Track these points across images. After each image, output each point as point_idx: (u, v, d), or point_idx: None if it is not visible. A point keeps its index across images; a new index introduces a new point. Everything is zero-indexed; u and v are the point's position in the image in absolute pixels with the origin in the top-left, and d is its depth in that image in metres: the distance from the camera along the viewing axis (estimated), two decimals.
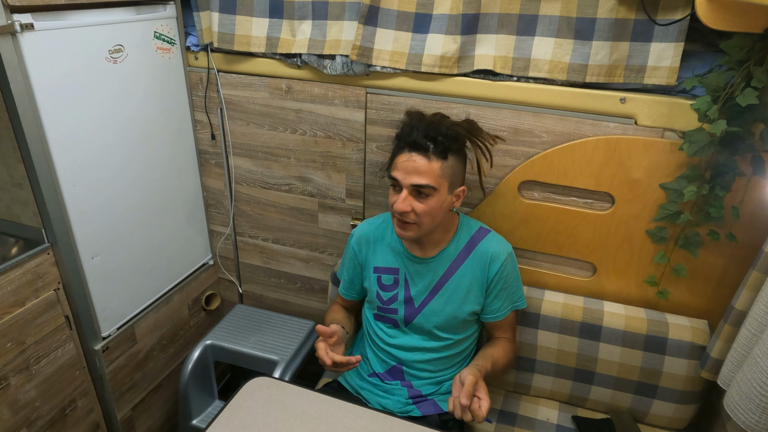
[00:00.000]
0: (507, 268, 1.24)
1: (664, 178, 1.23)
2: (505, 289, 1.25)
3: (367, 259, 1.34)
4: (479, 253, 1.24)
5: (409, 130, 1.13)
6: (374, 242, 1.33)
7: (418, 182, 1.10)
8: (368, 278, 1.33)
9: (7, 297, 1.17)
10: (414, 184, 1.11)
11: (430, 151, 1.10)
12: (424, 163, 1.10)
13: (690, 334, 1.26)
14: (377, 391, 1.33)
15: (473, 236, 1.26)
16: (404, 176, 1.12)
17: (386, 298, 1.30)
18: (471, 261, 1.24)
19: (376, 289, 1.32)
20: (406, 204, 1.12)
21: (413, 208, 1.13)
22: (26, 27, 1.07)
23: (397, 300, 1.29)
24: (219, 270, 1.90)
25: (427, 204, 1.13)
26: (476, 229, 1.27)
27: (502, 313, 1.27)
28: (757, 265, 0.98)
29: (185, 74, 1.55)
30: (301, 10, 1.37)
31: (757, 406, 0.88)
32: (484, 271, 1.23)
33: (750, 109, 1.05)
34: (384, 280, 1.30)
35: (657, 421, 1.34)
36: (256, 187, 1.69)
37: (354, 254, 1.36)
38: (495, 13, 1.23)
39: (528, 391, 1.44)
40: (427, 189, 1.11)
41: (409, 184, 1.11)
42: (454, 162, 1.13)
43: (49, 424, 1.34)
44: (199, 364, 1.67)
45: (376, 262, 1.32)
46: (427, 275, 1.26)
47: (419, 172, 1.10)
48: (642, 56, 1.15)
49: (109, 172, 1.35)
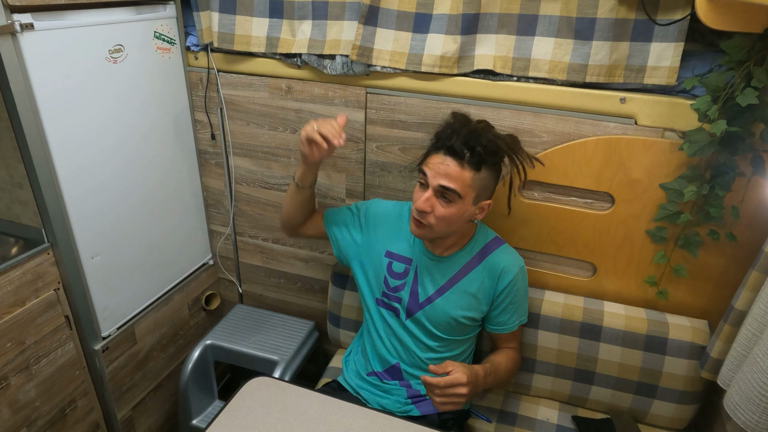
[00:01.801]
0: (518, 283, 1.23)
1: (664, 178, 1.23)
2: (514, 304, 1.24)
3: (375, 238, 1.32)
4: (490, 263, 1.23)
5: (449, 133, 1.09)
6: (390, 225, 1.31)
7: (446, 184, 1.08)
8: (373, 259, 1.31)
9: (7, 297, 1.17)
10: (441, 185, 1.09)
11: (465, 160, 1.07)
12: (456, 170, 1.08)
13: (690, 334, 1.26)
14: (376, 391, 1.33)
15: (487, 245, 1.25)
16: (433, 175, 1.10)
17: (393, 285, 1.29)
18: (481, 269, 1.23)
19: (384, 274, 1.30)
20: (427, 204, 1.11)
21: (433, 209, 1.11)
22: (26, 27, 1.07)
23: (404, 289, 1.28)
24: (219, 270, 1.90)
25: (448, 209, 1.11)
26: (491, 239, 1.26)
27: (509, 327, 1.26)
28: (757, 265, 0.98)
29: (185, 74, 1.55)
30: (301, 10, 1.37)
31: (757, 406, 0.88)
32: (492, 282, 1.22)
33: (750, 109, 1.05)
34: (395, 267, 1.29)
35: (657, 421, 1.34)
36: (256, 187, 1.69)
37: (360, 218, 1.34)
38: (495, 13, 1.23)
39: (528, 391, 1.44)
40: (452, 194, 1.09)
41: (437, 184, 1.09)
42: (486, 175, 1.11)
43: (49, 424, 1.34)
44: (199, 364, 1.67)
45: (390, 247, 1.30)
46: (437, 273, 1.26)
47: (449, 176, 1.08)
48: (642, 56, 1.15)
49: (109, 171, 1.35)
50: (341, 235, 1.36)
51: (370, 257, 1.32)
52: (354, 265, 1.36)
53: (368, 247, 1.33)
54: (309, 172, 1.24)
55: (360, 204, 1.37)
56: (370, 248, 1.33)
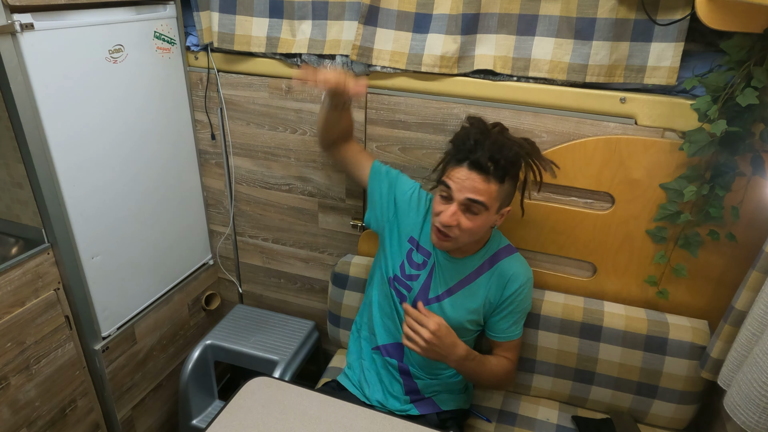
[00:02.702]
0: (524, 293, 1.23)
1: (664, 178, 1.23)
2: (515, 313, 1.24)
3: (405, 220, 1.29)
4: (499, 269, 1.23)
5: (473, 145, 1.07)
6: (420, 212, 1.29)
7: (474, 197, 1.07)
8: (397, 240, 1.30)
9: (7, 297, 1.17)
10: (469, 198, 1.08)
11: (491, 173, 1.06)
12: (483, 185, 1.07)
13: (690, 335, 1.26)
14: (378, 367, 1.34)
15: (498, 251, 1.25)
16: (459, 189, 1.08)
17: (408, 272, 1.28)
18: (490, 275, 1.23)
19: (403, 259, 1.29)
20: (453, 218, 1.09)
21: (459, 223, 1.10)
22: (26, 27, 1.07)
23: (417, 280, 1.27)
24: (219, 270, 1.90)
25: (474, 222, 1.10)
26: (503, 246, 1.26)
27: (506, 336, 1.25)
28: (757, 265, 0.98)
29: (185, 74, 1.55)
30: (301, 10, 1.37)
31: (757, 406, 0.88)
32: (500, 288, 1.22)
33: (750, 109, 1.05)
34: (415, 257, 1.28)
35: (657, 422, 1.34)
36: (256, 187, 1.69)
37: (399, 193, 1.31)
38: (495, 13, 1.23)
39: (528, 391, 1.44)
40: (479, 206, 1.08)
41: (464, 198, 1.08)
42: (509, 185, 1.11)
43: (49, 424, 1.34)
44: (199, 364, 1.67)
45: (414, 233, 1.29)
46: (449, 274, 1.25)
47: (477, 190, 1.07)
48: (642, 56, 1.15)
49: (109, 171, 1.35)
50: (380, 200, 1.32)
51: (398, 236, 1.31)
52: (383, 233, 1.34)
53: (398, 225, 1.31)
54: (334, 99, 1.18)
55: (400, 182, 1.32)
56: (399, 226, 1.31)
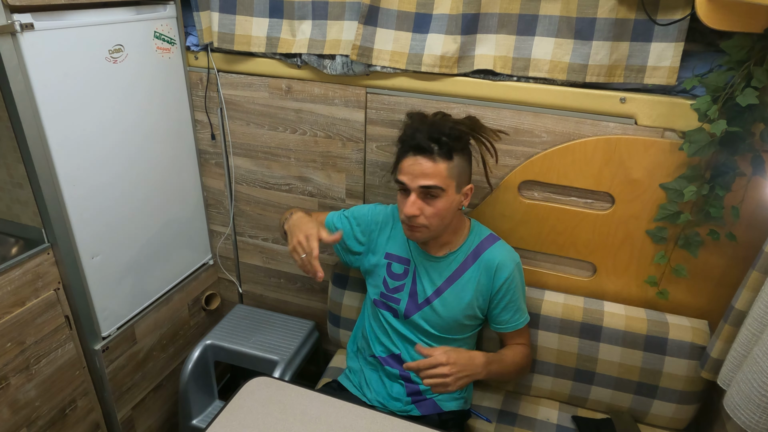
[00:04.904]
0: (515, 279, 1.23)
1: (664, 178, 1.23)
2: (514, 301, 1.24)
3: (377, 243, 1.33)
4: (485, 260, 1.23)
5: (411, 132, 1.12)
6: (388, 228, 1.32)
7: (426, 183, 1.10)
8: (375, 262, 1.33)
9: (7, 297, 1.17)
10: (422, 186, 1.10)
11: (435, 153, 1.09)
12: (430, 166, 1.09)
13: (690, 335, 1.26)
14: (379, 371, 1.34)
15: (481, 242, 1.25)
16: (411, 179, 1.11)
17: (392, 286, 1.30)
18: (476, 267, 1.23)
19: (384, 275, 1.31)
20: (414, 208, 1.12)
21: (422, 211, 1.13)
22: (26, 27, 1.07)
23: (403, 290, 1.28)
24: (219, 270, 1.90)
25: (436, 206, 1.12)
26: (485, 236, 1.26)
27: (512, 325, 1.25)
28: (757, 265, 0.98)
29: (185, 74, 1.55)
30: (301, 10, 1.37)
31: (757, 406, 0.88)
32: (489, 279, 1.22)
33: (750, 109, 1.05)
34: (394, 269, 1.30)
35: (657, 421, 1.34)
36: (256, 187, 1.69)
37: (358, 227, 1.34)
38: (495, 13, 1.23)
39: (528, 391, 1.44)
40: (436, 190, 1.10)
41: (417, 186, 1.11)
42: (459, 161, 1.13)
43: (49, 424, 1.34)
44: (199, 364, 1.67)
45: (389, 249, 1.31)
46: (434, 274, 1.26)
47: (426, 174, 1.10)
48: (642, 56, 1.15)
49: (109, 171, 1.35)
50: (343, 247, 1.37)
51: (375, 259, 1.33)
52: (362, 267, 1.38)
53: (369, 253, 1.34)
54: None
55: (355, 212, 1.36)
56: (372, 251, 1.34)
